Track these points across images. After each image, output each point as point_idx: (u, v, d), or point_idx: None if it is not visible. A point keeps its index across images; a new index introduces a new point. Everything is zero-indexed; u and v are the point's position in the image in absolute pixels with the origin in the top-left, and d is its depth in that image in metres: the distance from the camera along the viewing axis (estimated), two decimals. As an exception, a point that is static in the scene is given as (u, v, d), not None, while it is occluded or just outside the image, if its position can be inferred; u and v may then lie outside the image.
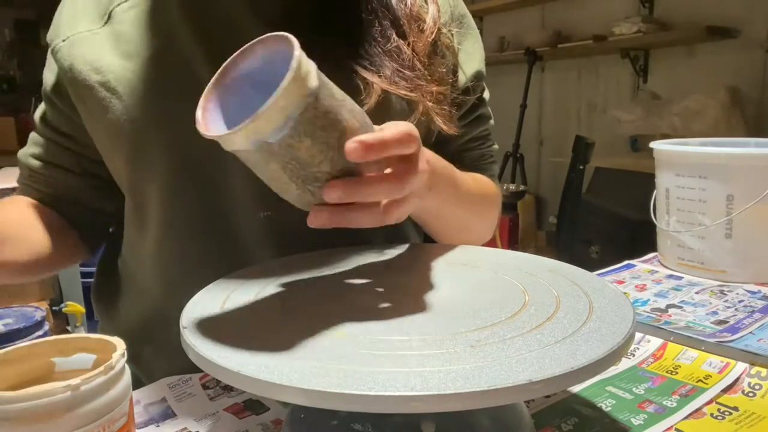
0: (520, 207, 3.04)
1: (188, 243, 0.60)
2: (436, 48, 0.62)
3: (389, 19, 0.60)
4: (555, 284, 0.47)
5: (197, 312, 0.42)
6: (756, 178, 0.73)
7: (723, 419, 0.46)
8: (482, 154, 0.73)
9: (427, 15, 0.62)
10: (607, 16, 2.76)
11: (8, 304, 1.65)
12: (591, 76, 3.08)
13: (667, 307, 0.68)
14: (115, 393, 0.34)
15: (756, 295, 0.72)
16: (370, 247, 0.59)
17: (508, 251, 0.57)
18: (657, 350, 0.58)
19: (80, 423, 0.32)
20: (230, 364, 0.33)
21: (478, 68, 0.68)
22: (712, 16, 2.41)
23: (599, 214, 2.47)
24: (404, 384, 0.31)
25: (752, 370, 0.52)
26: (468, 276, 0.50)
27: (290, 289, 0.47)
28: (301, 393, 0.31)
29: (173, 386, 0.53)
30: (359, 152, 0.38)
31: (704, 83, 2.45)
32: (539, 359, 0.33)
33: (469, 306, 0.42)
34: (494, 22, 3.51)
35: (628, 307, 0.41)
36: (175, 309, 0.43)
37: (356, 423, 0.38)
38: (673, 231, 0.82)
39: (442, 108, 0.61)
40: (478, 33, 0.70)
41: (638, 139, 2.68)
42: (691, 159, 0.79)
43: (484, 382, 0.31)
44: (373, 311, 0.43)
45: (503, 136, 3.08)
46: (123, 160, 0.59)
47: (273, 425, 0.46)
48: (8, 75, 4.89)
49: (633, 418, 0.46)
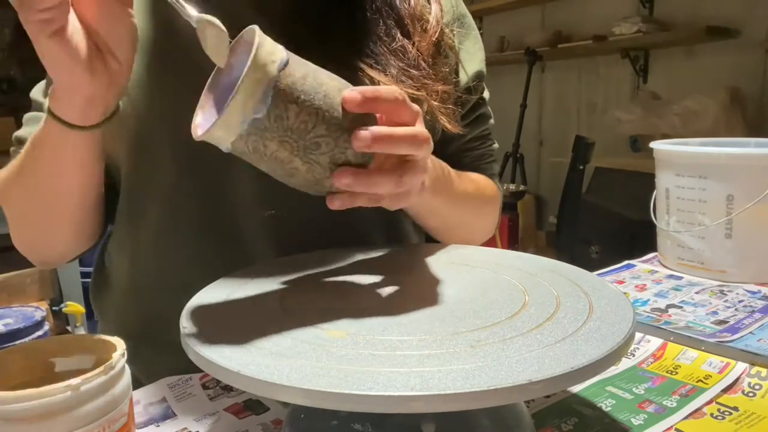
0: (520, 207, 3.04)
1: (190, 241, 0.60)
2: (440, 48, 0.62)
3: (393, 18, 0.60)
4: (555, 284, 0.47)
5: (197, 312, 0.42)
6: (756, 178, 0.73)
7: (723, 419, 0.46)
8: (483, 154, 0.73)
9: (430, 15, 0.62)
10: (607, 16, 2.76)
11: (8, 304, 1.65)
12: (591, 76, 3.08)
13: (667, 307, 0.68)
14: (115, 393, 0.34)
15: (756, 295, 0.72)
16: (371, 247, 0.59)
17: (508, 251, 0.57)
18: (657, 350, 0.58)
19: (80, 423, 0.32)
20: (230, 364, 0.33)
21: (479, 68, 0.69)
22: (712, 16, 2.41)
23: (599, 214, 2.47)
24: (404, 384, 0.31)
25: (752, 370, 0.52)
26: (468, 276, 0.50)
27: (290, 289, 0.47)
28: (301, 393, 0.31)
29: (173, 386, 0.53)
30: (357, 100, 0.39)
31: (704, 83, 2.45)
32: (539, 359, 0.33)
33: (469, 306, 0.42)
34: (494, 22, 3.51)
35: (628, 307, 0.41)
36: (175, 308, 0.43)
37: (356, 423, 0.38)
38: (673, 231, 0.82)
39: (447, 107, 0.61)
40: (478, 33, 0.70)
41: (638, 139, 2.68)
42: (691, 159, 0.79)
43: (484, 382, 0.31)
44: (373, 311, 0.43)
45: (503, 136, 3.08)
46: (125, 154, 0.59)
47: (273, 425, 0.46)
48: (8, 75, 4.88)
49: (633, 418, 0.46)
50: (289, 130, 0.39)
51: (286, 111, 0.38)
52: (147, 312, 0.64)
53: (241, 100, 0.37)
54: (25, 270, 1.73)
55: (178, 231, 0.60)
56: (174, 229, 0.60)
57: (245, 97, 0.37)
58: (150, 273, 0.62)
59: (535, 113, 3.31)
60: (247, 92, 0.37)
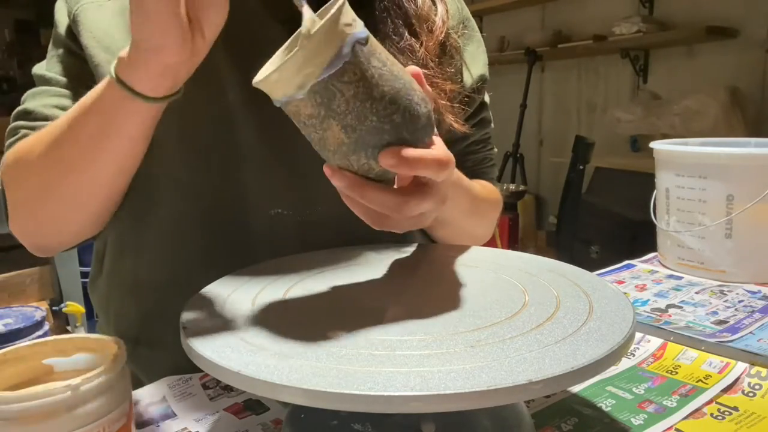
0: (520, 207, 3.04)
1: (195, 238, 0.60)
2: (445, 48, 0.63)
3: (401, 18, 0.60)
4: (555, 284, 0.47)
5: (197, 312, 0.42)
6: (756, 178, 0.73)
7: (723, 419, 0.46)
8: (484, 158, 0.74)
9: (436, 15, 0.62)
10: (607, 16, 2.76)
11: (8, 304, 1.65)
12: (591, 76, 3.08)
13: (667, 307, 0.68)
14: (115, 393, 0.34)
15: (756, 295, 0.72)
16: (372, 247, 0.59)
17: (508, 251, 0.57)
18: (657, 350, 0.58)
19: (80, 423, 0.32)
20: (230, 364, 0.33)
21: (482, 71, 0.69)
22: (712, 16, 2.41)
23: (599, 214, 2.47)
24: (404, 384, 0.31)
25: (752, 370, 0.52)
26: (468, 276, 0.50)
27: (291, 289, 0.47)
28: (301, 393, 0.31)
29: (173, 386, 0.53)
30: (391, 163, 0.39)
31: (704, 83, 2.45)
32: (539, 359, 0.33)
33: (469, 306, 0.42)
34: (494, 22, 3.51)
35: (628, 307, 0.41)
36: (176, 307, 0.43)
37: (356, 423, 0.38)
38: (673, 231, 0.82)
39: (454, 106, 0.61)
40: (480, 37, 0.71)
41: (638, 139, 2.68)
42: (691, 159, 0.79)
43: (484, 382, 0.31)
44: (373, 311, 0.43)
45: (503, 136, 3.09)
46: None
47: (273, 425, 0.46)
48: (8, 75, 4.89)
49: (633, 418, 0.46)
50: (348, 102, 0.37)
51: (352, 85, 0.37)
52: (147, 310, 0.64)
53: (307, 52, 0.36)
54: (25, 270, 1.73)
55: (183, 228, 0.60)
56: (180, 226, 0.60)
57: (312, 52, 0.36)
58: (153, 270, 0.62)
59: (535, 113, 3.31)
60: (316, 46, 0.36)
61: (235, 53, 0.56)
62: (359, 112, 0.38)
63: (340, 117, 0.38)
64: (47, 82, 0.61)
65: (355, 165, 0.40)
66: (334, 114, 0.38)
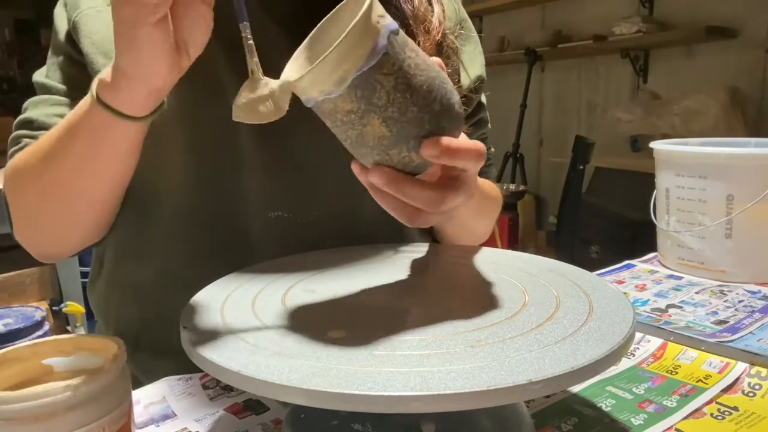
0: (520, 207, 3.04)
1: (195, 239, 0.60)
2: (441, 49, 0.63)
3: (398, 18, 0.60)
4: (555, 284, 0.47)
5: (197, 312, 0.42)
6: (756, 178, 0.73)
7: (723, 419, 0.46)
8: None
9: (433, 16, 0.62)
10: (607, 16, 2.76)
11: (8, 304, 1.65)
12: (591, 76, 3.08)
13: (667, 307, 0.68)
14: (115, 393, 0.34)
15: (756, 295, 0.72)
16: (371, 248, 0.59)
17: (508, 251, 0.57)
18: (657, 350, 0.58)
19: (80, 423, 0.32)
20: (230, 364, 0.33)
21: (479, 72, 0.69)
22: (712, 16, 2.41)
23: (599, 214, 2.47)
24: (404, 384, 0.31)
25: (752, 370, 0.52)
26: (468, 276, 0.50)
27: (291, 289, 0.47)
28: (301, 393, 0.31)
29: (173, 386, 0.53)
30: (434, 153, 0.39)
31: (704, 83, 2.45)
32: (539, 359, 0.33)
33: (469, 306, 0.42)
34: (494, 22, 3.51)
35: (628, 307, 0.41)
36: (176, 307, 0.43)
37: (356, 423, 0.38)
38: (673, 231, 0.82)
39: None
40: (477, 38, 0.71)
41: (638, 139, 2.68)
42: (691, 159, 0.79)
43: (483, 382, 0.31)
44: (373, 311, 0.43)
45: (503, 136, 3.09)
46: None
47: (273, 425, 0.46)
48: (8, 75, 4.89)
49: (633, 418, 0.46)
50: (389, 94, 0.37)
51: (403, 57, 0.37)
52: (147, 311, 0.64)
53: (345, 47, 0.35)
54: (25, 270, 1.73)
55: (183, 231, 0.60)
56: (179, 229, 0.60)
57: (350, 46, 0.35)
58: (153, 271, 0.62)
59: (535, 113, 3.31)
60: (354, 40, 0.35)
61: (234, 56, 0.56)
62: (400, 104, 0.37)
63: (381, 110, 0.37)
64: (48, 90, 0.61)
65: (395, 159, 0.39)
66: (375, 107, 0.37)
